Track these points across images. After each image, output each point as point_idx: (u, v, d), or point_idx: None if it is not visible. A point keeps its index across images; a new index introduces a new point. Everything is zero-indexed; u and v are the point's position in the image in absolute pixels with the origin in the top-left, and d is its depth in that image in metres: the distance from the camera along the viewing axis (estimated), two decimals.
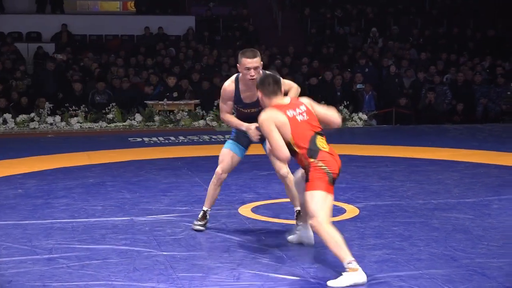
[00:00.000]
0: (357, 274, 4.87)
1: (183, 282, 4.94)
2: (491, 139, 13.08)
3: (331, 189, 5.17)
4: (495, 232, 6.30)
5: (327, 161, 5.18)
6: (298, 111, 5.34)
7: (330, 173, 5.15)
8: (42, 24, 20.50)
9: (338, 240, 4.95)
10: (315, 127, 5.31)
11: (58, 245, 5.92)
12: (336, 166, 5.21)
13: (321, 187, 5.12)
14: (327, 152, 5.23)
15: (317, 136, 5.27)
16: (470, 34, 21.72)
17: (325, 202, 5.10)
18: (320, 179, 5.13)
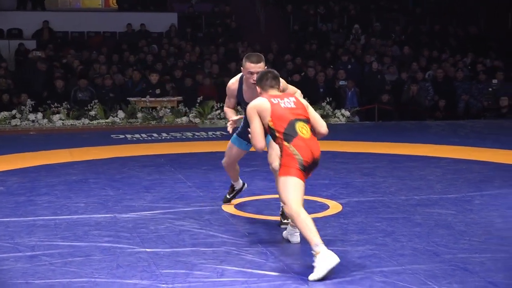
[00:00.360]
0: (327, 256, 4.89)
1: (166, 278, 4.94)
2: (473, 135, 13.15)
3: (301, 175, 5.21)
4: (477, 227, 6.33)
5: (300, 147, 5.22)
6: (286, 100, 5.42)
7: (300, 159, 5.19)
8: (23, 21, 20.37)
9: (309, 225, 5.01)
10: (298, 115, 5.35)
11: (41, 242, 5.89)
12: (309, 154, 5.23)
13: (292, 173, 5.18)
14: (305, 139, 5.26)
15: (298, 122, 5.31)
16: (452, 31, 21.82)
17: (296, 187, 5.17)
18: (290, 165, 5.20)
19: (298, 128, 5.28)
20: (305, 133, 5.30)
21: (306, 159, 5.22)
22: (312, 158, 5.25)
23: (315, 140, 5.37)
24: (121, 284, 4.84)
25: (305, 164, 5.22)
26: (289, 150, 5.22)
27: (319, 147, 5.35)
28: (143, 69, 17.49)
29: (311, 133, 5.36)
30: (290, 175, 5.19)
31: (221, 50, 19.33)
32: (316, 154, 5.29)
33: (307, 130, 5.33)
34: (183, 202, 7.40)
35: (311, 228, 5.01)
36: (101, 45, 19.49)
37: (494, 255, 5.45)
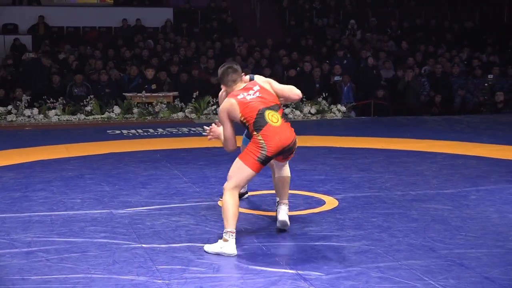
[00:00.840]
0: (227, 244, 5.33)
1: (162, 274, 4.94)
2: (469, 130, 13.15)
3: (257, 166, 5.47)
4: (473, 222, 6.34)
5: (267, 136, 5.42)
6: (251, 92, 5.64)
7: (264, 152, 5.42)
8: (18, 16, 20.33)
9: (231, 209, 5.38)
10: (267, 103, 5.57)
11: (37, 238, 5.89)
12: (276, 143, 5.43)
13: (247, 161, 5.46)
14: (274, 126, 5.45)
15: (267, 110, 5.52)
16: (448, 25, 21.83)
17: (243, 173, 5.47)
18: (250, 153, 5.47)
19: (267, 117, 5.49)
20: (275, 121, 5.49)
21: (272, 149, 5.44)
22: (280, 147, 5.47)
23: (286, 127, 5.54)
24: (117, 280, 4.84)
25: (268, 155, 5.44)
26: (256, 139, 5.47)
27: (290, 134, 5.54)
28: (138, 64, 17.47)
29: (283, 120, 5.55)
30: (245, 161, 5.47)
31: (217, 45, 19.31)
32: (286, 142, 5.48)
33: (277, 117, 5.52)
34: (179, 198, 7.40)
35: (229, 215, 5.37)
36: (96, 40, 19.46)
37: (490, 251, 5.46)
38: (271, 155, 5.45)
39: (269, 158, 5.49)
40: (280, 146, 5.46)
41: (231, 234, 5.37)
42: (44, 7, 20.97)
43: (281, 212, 6.07)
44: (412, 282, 4.74)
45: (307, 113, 15.56)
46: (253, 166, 5.47)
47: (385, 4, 23.04)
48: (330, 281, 4.78)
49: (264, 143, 5.43)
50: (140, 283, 4.77)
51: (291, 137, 5.55)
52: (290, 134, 5.55)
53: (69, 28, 20.64)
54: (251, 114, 5.51)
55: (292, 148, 5.59)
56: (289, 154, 5.68)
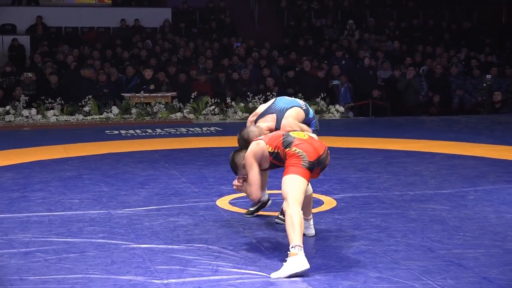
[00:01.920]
0: (297, 259, 4.87)
1: (161, 275, 4.94)
2: (467, 130, 13.16)
3: (306, 174, 5.26)
4: (471, 223, 6.34)
5: (302, 146, 5.33)
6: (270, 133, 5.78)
7: (305, 156, 5.27)
8: (17, 16, 20.32)
9: (296, 223, 5.00)
10: (289, 131, 5.61)
11: (35, 238, 5.88)
12: (313, 151, 5.32)
13: (294, 171, 5.24)
14: (304, 139, 5.40)
15: (291, 132, 5.55)
16: (446, 26, 21.84)
17: (297, 184, 5.19)
18: (294, 164, 5.26)
19: (293, 134, 5.47)
20: (303, 136, 5.47)
21: (311, 154, 5.30)
22: (317, 154, 5.35)
23: (316, 140, 5.50)
24: (115, 280, 4.84)
25: (310, 160, 5.28)
26: (292, 152, 5.31)
27: (322, 144, 5.48)
28: (137, 64, 17.47)
29: (309, 136, 5.53)
30: (294, 173, 5.23)
31: (215, 45, 19.31)
32: (320, 150, 5.39)
33: (304, 134, 5.52)
34: (177, 198, 7.40)
35: (297, 228, 4.99)
36: (95, 41, 19.46)
37: (488, 251, 5.46)
38: (313, 160, 5.30)
39: (312, 164, 5.30)
40: (317, 153, 5.34)
41: (300, 248, 4.96)
42: (42, 8, 20.96)
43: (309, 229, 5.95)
44: (410, 282, 4.74)
45: None
46: (303, 174, 5.24)
47: (383, 4, 23.05)
48: (328, 281, 4.78)
49: (301, 151, 5.30)
50: (138, 283, 4.77)
51: (323, 146, 5.46)
52: (321, 145, 5.47)
53: (67, 29, 20.64)
54: (277, 139, 5.43)
55: (326, 159, 5.47)
56: (323, 167, 5.51)
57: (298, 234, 4.98)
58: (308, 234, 5.95)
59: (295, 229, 4.99)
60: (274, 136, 5.53)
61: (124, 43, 19.11)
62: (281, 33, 21.55)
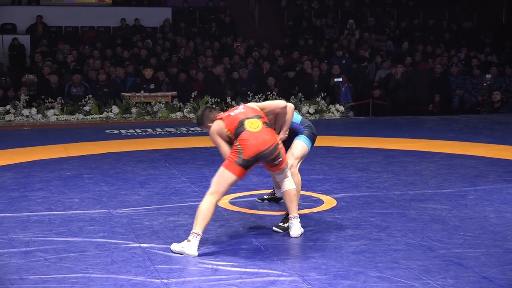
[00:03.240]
0: (189, 244, 5.37)
1: (161, 274, 4.94)
2: (467, 130, 13.16)
3: (237, 170, 5.55)
4: (471, 222, 6.35)
5: (244, 141, 5.58)
6: (235, 111, 5.86)
7: (241, 153, 5.55)
8: (17, 15, 20.32)
9: (203, 212, 5.44)
10: (247, 114, 5.73)
11: (35, 238, 5.89)
12: (253, 148, 5.55)
13: (227, 165, 5.58)
14: (252, 132, 5.61)
15: (247, 120, 5.69)
16: (446, 26, 21.84)
17: (223, 178, 5.55)
18: (230, 159, 5.59)
19: (246, 124, 5.65)
20: (255, 127, 5.65)
21: (247, 153, 5.56)
22: (256, 151, 5.57)
23: (266, 133, 5.66)
24: (115, 279, 4.84)
25: (244, 158, 5.55)
26: (235, 145, 5.64)
27: (269, 139, 5.64)
28: (137, 64, 17.47)
29: (264, 126, 5.69)
30: (226, 168, 5.57)
31: (215, 45, 19.31)
32: (262, 146, 5.60)
33: (257, 124, 5.67)
34: (177, 198, 7.40)
35: (200, 218, 5.43)
36: (95, 40, 19.45)
37: (488, 250, 5.46)
38: (248, 158, 5.55)
39: (247, 162, 5.56)
40: (256, 150, 5.57)
41: (196, 236, 5.41)
42: (43, 7, 20.96)
43: (292, 228, 5.94)
44: (410, 282, 4.74)
45: (305, 113, 15.57)
46: (233, 170, 5.55)
47: (383, 4, 23.05)
48: (328, 281, 4.78)
49: (240, 147, 5.57)
50: (139, 283, 4.77)
51: (269, 142, 5.63)
52: (269, 139, 5.64)
53: (67, 28, 20.63)
54: (233, 125, 5.69)
55: (271, 154, 5.64)
56: (273, 161, 5.71)
57: (200, 223, 5.43)
58: (293, 235, 5.90)
59: (198, 219, 5.45)
60: (231, 120, 5.73)
61: (124, 43, 19.11)
62: (281, 33, 21.54)
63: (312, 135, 6.44)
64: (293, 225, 5.93)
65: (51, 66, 16.69)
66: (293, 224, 5.93)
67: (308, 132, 6.42)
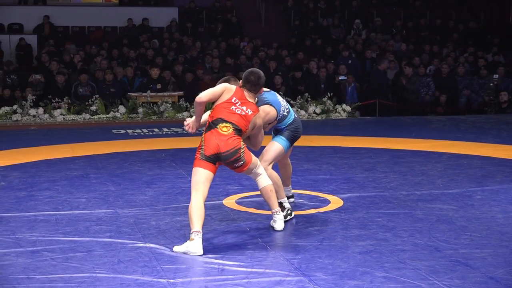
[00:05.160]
0: (193, 243, 5.43)
1: (167, 274, 4.94)
2: (474, 130, 13.14)
3: (205, 165, 5.75)
4: (478, 222, 6.34)
5: (207, 140, 5.80)
6: (243, 108, 5.93)
7: (203, 149, 5.77)
8: (24, 15, 20.34)
9: (194, 212, 5.58)
10: (232, 119, 5.83)
11: (42, 237, 5.90)
12: (213, 147, 5.75)
13: (195, 163, 5.80)
14: (219, 133, 5.79)
15: (223, 122, 5.82)
16: (453, 25, 21.80)
17: (196, 175, 5.76)
18: (196, 157, 5.81)
19: (219, 126, 5.80)
20: (225, 131, 5.80)
21: (208, 150, 5.76)
22: (216, 150, 5.75)
23: (231, 139, 5.79)
24: (122, 279, 4.84)
25: (206, 154, 5.76)
26: (201, 142, 5.85)
27: (231, 143, 5.77)
28: (144, 64, 17.48)
29: (233, 133, 5.81)
30: (194, 165, 5.80)
31: (222, 45, 19.31)
32: (222, 149, 5.76)
33: (228, 129, 5.81)
34: (184, 198, 7.40)
35: (194, 217, 5.54)
36: (101, 40, 19.47)
37: (495, 251, 5.46)
38: (209, 154, 5.74)
39: (209, 158, 5.74)
40: (216, 150, 5.75)
41: (197, 233, 5.49)
42: (49, 7, 20.98)
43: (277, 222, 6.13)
44: (417, 282, 4.73)
45: (312, 113, 15.56)
46: (201, 165, 5.74)
47: (390, 4, 23.02)
48: (334, 281, 4.78)
49: (203, 144, 5.79)
50: (145, 283, 4.78)
51: (230, 146, 5.77)
52: (231, 143, 5.78)
53: (74, 28, 20.66)
54: (216, 114, 5.89)
55: (231, 157, 5.77)
56: (234, 163, 5.83)
57: (197, 222, 5.53)
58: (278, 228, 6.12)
59: (192, 218, 5.56)
60: (222, 109, 5.90)
61: (131, 43, 19.12)
62: (288, 33, 21.54)
63: (292, 137, 6.55)
64: (277, 220, 6.12)
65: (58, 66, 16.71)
66: (277, 219, 6.13)
67: (287, 134, 6.54)
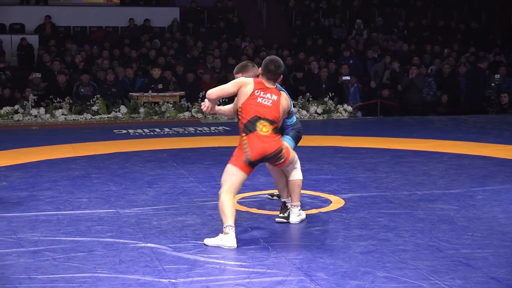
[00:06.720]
0: (227, 237, 5.54)
1: (168, 274, 4.94)
2: (476, 130, 13.14)
3: (245, 168, 5.76)
4: (479, 222, 6.33)
5: (252, 144, 5.74)
6: (267, 96, 5.87)
7: (248, 154, 5.72)
8: (25, 15, 20.37)
9: (226, 209, 5.62)
10: (265, 114, 5.78)
11: (44, 237, 5.90)
12: (259, 151, 5.74)
13: (235, 163, 5.76)
14: (261, 136, 5.74)
15: (260, 120, 5.78)
16: (454, 26, 21.80)
17: (234, 176, 5.74)
18: (238, 157, 5.77)
19: (258, 125, 5.77)
20: (265, 131, 5.78)
21: (253, 154, 5.73)
22: (262, 154, 5.76)
23: (272, 138, 5.80)
24: (123, 279, 4.84)
25: (251, 160, 5.73)
26: (242, 143, 5.78)
27: (275, 144, 5.79)
28: (145, 64, 17.48)
29: (272, 132, 5.81)
30: (233, 164, 5.77)
31: (223, 45, 19.31)
32: (268, 150, 5.78)
33: (268, 128, 5.79)
34: (185, 198, 7.41)
35: (227, 213, 5.60)
36: (103, 40, 19.48)
37: (497, 251, 5.45)
38: (254, 160, 5.75)
39: (253, 162, 5.76)
40: (262, 153, 5.76)
41: (231, 228, 5.58)
42: (51, 7, 21.01)
43: (292, 215, 6.32)
44: (418, 282, 4.73)
45: (313, 113, 15.57)
46: (242, 168, 5.76)
47: (391, 4, 23.02)
48: (336, 281, 4.78)
49: (247, 148, 5.74)
50: (146, 282, 4.78)
51: (275, 147, 5.81)
52: (275, 144, 5.81)
53: (75, 28, 20.67)
54: (247, 115, 5.80)
55: (275, 157, 5.83)
56: (276, 161, 5.91)
57: (230, 216, 5.60)
58: (292, 221, 6.30)
59: (226, 214, 5.60)
60: (252, 106, 5.81)
61: (133, 43, 19.13)
62: (289, 33, 21.54)
63: (297, 137, 6.73)
64: (292, 212, 6.31)
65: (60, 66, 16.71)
66: (292, 212, 6.31)
67: (293, 133, 6.70)
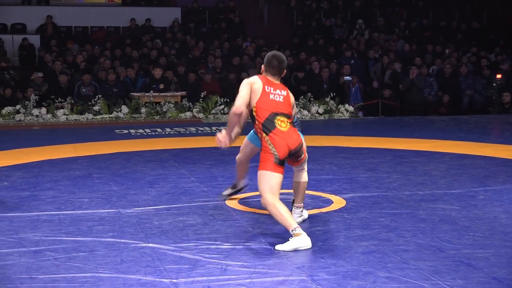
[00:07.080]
0: (301, 237, 5.44)
1: (170, 274, 4.94)
2: (477, 130, 13.13)
3: (278, 169, 5.66)
4: (481, 223, 6.33)
5: (275, 141, 5.66)
6: (277, 91, 5.85)
7: (276, 154, 5.64)
8: (27, 15, 20.40)
9: (283, 212, 5.52)
10: (280, 109, 5.75)
11: (45, 237, 5.90)
12: (284, 148, 5.68)
13: (267, 167, 5.65)
14: (283, 132, 5.68)
15: (277, 116, 5.74)
16: (456, 26, 21.79)
17: (271, 180, 5.62)
18: (266, 161, 5.66)
19: (277, 122, 5.71)
20: (284, 126, 5.72)
21: (281, 153, 5.67)
22: (287, 151, 5.70)
23: (293, 132, 5.78)
24: (125, 279, 4.84)
25: (280, 158, 5.66)
26: (266, 144, 5.69)
27: (297, 139, 5.77)
28: (146, 64, 17.49)
29: (290, 126, 5.77)
30: (265, 169, 5.66)
31: (225, 45, 19.31)
32: (292, 146, 5.73)
33: (286, 123, 5.74)
34: (187, 197, 7.41)
35: (285, 215, 5.52)
36: (104, 40, 19.49)
37: (498, 251, 5.45)
38: (283, 157, 5.69)
39: (282, 161, 5.70)
40: (287, 150, 5.70)
41: (298, 228, 5.51)
42: (52, 7, 21.04)
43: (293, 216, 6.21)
44: (420, 282, 4.73)
45: (314, 113, 15.57)
46: (274, 169, 5.65)
47: (393, 4, 23.02)
48: (337, 281, 4.77)
49: (273, 148, 5.66)
50: (148, 282, 4.78)
51: (298, 141, 5.79)
52: (297, 139, 5.79)
53: (77, 28, 20.69)
54: (262, 114, 5.73)
55: (298, 152, 5.80)
56: (296, 159, 5.88)
57: (290, 218, 5.53)
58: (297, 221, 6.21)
59: (285, 216, 5.52)
60: (266, 105, 5.74)
61: (134, 43, 19.14)
62: (291, 33, 21.54)
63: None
64: (294, 213, 6.32)
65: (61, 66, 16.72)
66: (294, 212, 6.34)
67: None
